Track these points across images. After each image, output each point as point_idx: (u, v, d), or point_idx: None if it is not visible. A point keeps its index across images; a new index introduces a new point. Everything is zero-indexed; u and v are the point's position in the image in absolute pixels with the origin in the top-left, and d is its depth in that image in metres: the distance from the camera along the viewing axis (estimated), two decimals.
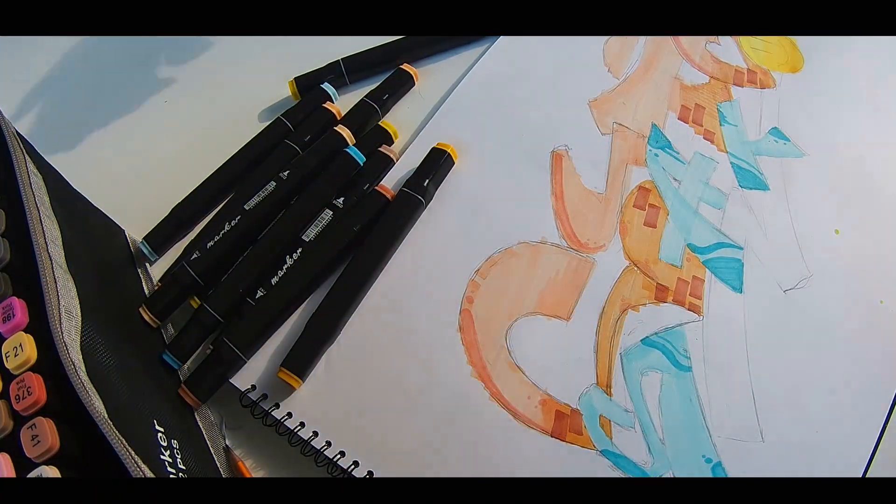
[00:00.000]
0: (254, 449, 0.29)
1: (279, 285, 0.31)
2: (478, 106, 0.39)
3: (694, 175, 0.37)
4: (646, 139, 0.38)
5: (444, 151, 0.35)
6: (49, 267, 0.23)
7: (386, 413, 0.29)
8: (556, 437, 0.29)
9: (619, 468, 0.28)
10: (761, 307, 0.33)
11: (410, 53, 0.42)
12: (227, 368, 0.29)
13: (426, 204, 0.34)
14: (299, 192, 0.34)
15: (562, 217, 0.35)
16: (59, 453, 0.20)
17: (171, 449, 0.24)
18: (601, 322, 0.32)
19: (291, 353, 0.29)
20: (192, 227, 0.35)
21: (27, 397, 0.21)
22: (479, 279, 0.33)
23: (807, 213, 0.36)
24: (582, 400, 0.30)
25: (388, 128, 0.38)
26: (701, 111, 0.40)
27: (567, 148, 0.37)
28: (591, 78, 0.40)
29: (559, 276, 0.33)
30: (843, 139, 0.39)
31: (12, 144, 0.27)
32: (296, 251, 0.32)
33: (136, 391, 0.24)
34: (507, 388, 0.30)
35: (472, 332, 0.31)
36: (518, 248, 0.34)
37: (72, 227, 0.27)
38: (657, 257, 0.34)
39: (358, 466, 0.27)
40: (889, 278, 0.34)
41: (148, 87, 0.42)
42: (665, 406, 0.30)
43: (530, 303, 0.32)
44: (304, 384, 0.29)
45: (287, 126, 0.38)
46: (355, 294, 0.31)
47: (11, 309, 0.23)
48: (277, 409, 0.29)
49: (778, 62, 0.42)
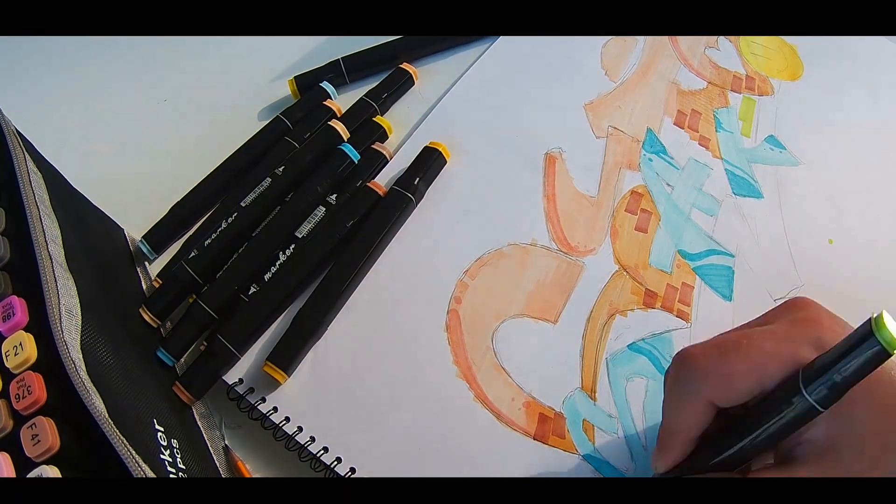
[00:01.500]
0: (253, 449, 0.29)
1: (272, 282, 0.32)
2: (474, 106, 0.39)
3: (687, 181, 0.37)
4: (640, 143, 0.38)
5: (435, 150, 0.36)
6: (49, 265, 0.23)
7: (370, 410, 0.29)
8: (538, 440, 0.29)
9: (601, 473, 0.28)
10: (750, 316, 0.33)
11: (410, 53, 0.42)
12: (221, 365, 0.30)
13: (416, 202, 0.35)
14: (294, 187, 0.35)
15: (553, 219, 0.35)
16: (59, 453, 0.20)
17: (171, 448, 0.24)
18: (588, 326, 0.32)
19: (277, 347, 0.29)
20: (192, 225, 0.36)
21: (27, 396, 0.21)
22: (468, 279, 0.33)
23: (800, 223, 0.36)
24: (566, 403, 0.30)
25: (382, 123, 0.38)
26: (697, 117, 0.39)
27: (561, 150, 0.38)
28: (588, 81, 0.40)
29: (548, 278, 0.33)
30: (840, 149, 0.39)
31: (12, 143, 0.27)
32: (289, 247, 0.33)
33: (136, 390, 0.25)
34: (491, 389, 0.30)
35: (459, 333, 0.31)
36: (508, 250, 0.34)
37: (71, 226, 0.28)
38: (647, 262, 0.34)
39: (340, 463, 0.28)
40: (882, 290, 0.34)
41: (147, 87, 0.42)
42: (649, 412, 0.30)
43: (518, 305, 0.32)
44: (290, 379, 0.30)
45: (286, 124, 0.38)
46: (342, 290, 0.31)
47: (11, 308, 0.23)
48: (264, 403, 0.29)
49: (777, 69, 0.42)
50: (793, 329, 0.21)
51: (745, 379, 0.21)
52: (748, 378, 0.21)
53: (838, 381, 0.18)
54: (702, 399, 0.21)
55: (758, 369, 0.20)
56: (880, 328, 0.17)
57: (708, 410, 0.22)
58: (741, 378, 0.21)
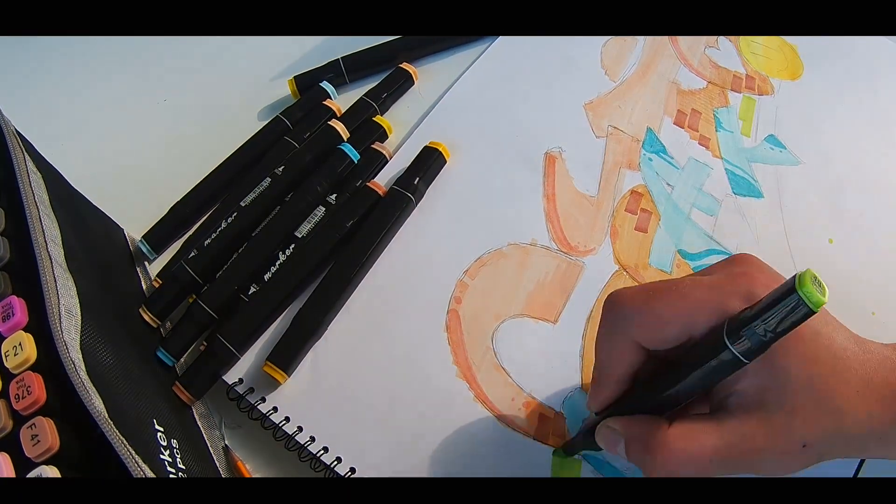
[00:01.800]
0: (253, 449, 0.29)
1: (272, 282, 0.32)
2: (473, 105, 0.39)
3: (687, 181, 0.37)
4: (640, 143, 0.38)
5: (435, 150, 0.36)
6: (49, 266, 0.23)
7: (370, 410, 0.29)
8: (538, 440, 0.29)
9: (601, 473, 0.28)
10: None
11: (410, 53, 0.42)
12: (221, 365, 0.30)
13: (416, 202, 0.35)
14: (294, 187, 0.35)
15: (553, 219, 0.35)
16: (59, 453, 0.20)
17: (171, 448, 0.24)
18: (588, 326, 0.32)
19: (277, 347, 0.29)
20: (191, 225, 0.36)
21: (27, 396, 0.21)
22: (468, 279, 0.33)
23: (801, 222, 0.36)
24: (566, 404, 0.30)
25: (381, 123, 0.38)
26: (697, 116, 0.39)
27: (561, 150, 0.38)
28: (588, 80, 0.40)
29: (548, 278, 0.33)
30: (840, 148, 0.39)
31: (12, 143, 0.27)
32: (289, 247, 0.33)
33: (136, 390, 0.25)
34: (491, 390, 0.30)
35: (459, 333, 0.31)
36: (508, 250, 0.34)
37: (71, 226, 0.28)
38: (647, 262, 0.34)
39: (340, 462, 0.28)
40: (882, 290, 0.34)
41: (147, 86, 0.42)
42: None
43: (518, 305, 0.32)
44: (290, 379, 0.30)
45: (286, 124, 0.38)
46: (342, 290, 0.31)
47: (11, 308, 0.23)
48: (263, 403, 0.29)
49: (777, 68, 0.42)
50: (724, 280, 0.21)
51: (671, 324, 0.21)
52: (674, 323, 0.21)
53: (760, 334, 0.18)
54: (629, 340, 0.22)
55: (684, 315, 0.21)
56: (803, 284, 0.17)
57: (636, 352, 0.22)
58: (667, 323, 0.21)
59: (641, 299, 0.22)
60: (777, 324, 0.18)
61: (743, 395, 0.21)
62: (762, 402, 0.20)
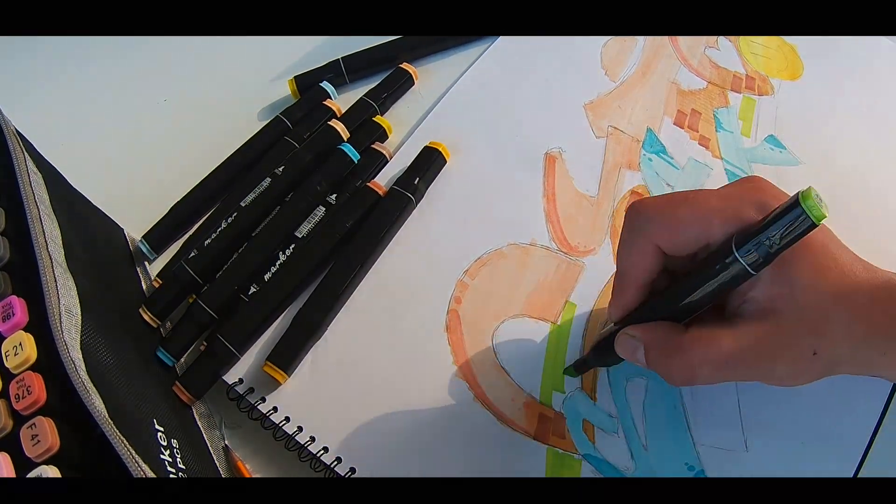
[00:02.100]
0: (253, 449, 0.29)
1: (272, 282, 0.32)
2: (473, 106, 0.39)
3: (687, 181, 0.37)
4: (640, 143, 0.38)
5: (435, 150, 0.36)
6: (49, 265, 0.23)
7: (370, 410, 0.29)
8: (538, 440, 0.29)
9: (602, 473, 0.28)
10: None
11: (410, 53, 0.42)
12: (221, 365, 0.30)
13: (416, 202, 0.35)
14: (294, 187, 0.35)
15: (553, 219, 0.35)
16: (59, 453, 0.20)
17: (171, 448, 0.24)
18: (588, 326, 0.32)
19: (277, 347, 0.29)
20: (192, 225, 0.36)
21: (27, 396, 0.21)
22: (468, 280, 0.33)
23: None
24: (566, 403, 0.30)
25: (381, 123, 0.38)
26: (697, 116, 0.39)
27: (561, 150, 0.38)
28: (588, 80, 0.40)
29: (548, 278, 0.33)
30: (840, 149, 0.39)
31: (12, 143, 0.27)
32: (289, 247, 0.33)
33: (136, 390, 0.25)
34: (491, 390, 0.30)
35: (459, 333, 0.31)
36: (508, 250, 0.34)
37: (71, 226, 0.28)
38: None
39: (340, 463, 0.28)
40: None
41: (147, 87, 0.42)
42: (649, 412, 0.30)
43: (518, 305, 0.32)
44: (290, 379, 0.30)
45: (286, 124, 0.39)
46: (342, 290, 0.31)
47: (11, 308, 0.23)
48: (263, 402, 0.29)
49: (777, 68, 0.42)
50: (740, 190, 0.23)
51: (690, 227, 0.22)
52: (692, 227, 0.22)
53: (767, 246, 0.20)
54: (650, 243, 0.23)
55: (702, 220, 0.22)
56: (806, 199, 0.19)
57: (656, 254, 0.23)
58: (686, 226, 0.22)
59: (662, 204, 0.23)
60: (782, 236, 0.20)
61: (756, 302, 0.22)
62: (774, 309, 0.21)
